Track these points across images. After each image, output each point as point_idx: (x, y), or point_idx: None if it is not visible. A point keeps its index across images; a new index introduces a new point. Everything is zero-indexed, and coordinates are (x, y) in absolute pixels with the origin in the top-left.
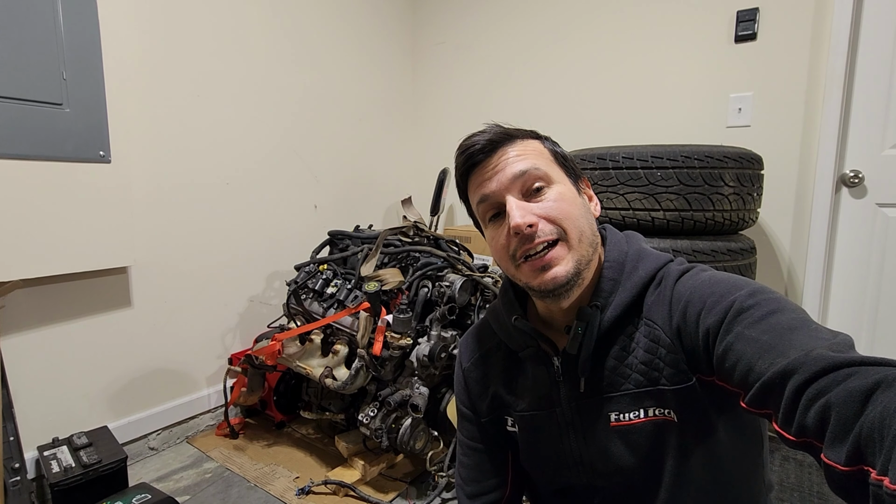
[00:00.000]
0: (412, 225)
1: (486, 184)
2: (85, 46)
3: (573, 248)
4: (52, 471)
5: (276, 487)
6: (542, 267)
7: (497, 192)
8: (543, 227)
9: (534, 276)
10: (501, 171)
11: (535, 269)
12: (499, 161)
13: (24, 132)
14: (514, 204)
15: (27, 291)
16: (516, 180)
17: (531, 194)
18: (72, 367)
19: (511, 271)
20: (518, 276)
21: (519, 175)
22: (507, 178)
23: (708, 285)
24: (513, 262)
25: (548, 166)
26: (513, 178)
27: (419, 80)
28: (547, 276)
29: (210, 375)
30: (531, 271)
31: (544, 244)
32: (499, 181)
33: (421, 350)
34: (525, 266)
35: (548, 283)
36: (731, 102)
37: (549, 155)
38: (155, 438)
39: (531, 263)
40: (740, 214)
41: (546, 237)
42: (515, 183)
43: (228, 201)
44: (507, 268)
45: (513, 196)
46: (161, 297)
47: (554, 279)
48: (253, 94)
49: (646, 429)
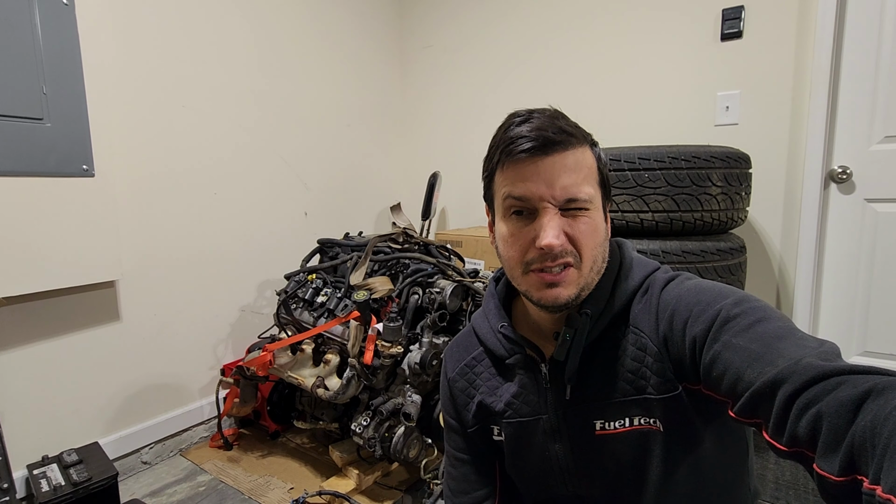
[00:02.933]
0: (401, 231)
1: (529, 185)
2: (65, 60)
3: (582, 275)
4: (41, 490)
5: (271, 499)
6: (550, 284)
7: (538, 197)
8: (567, 247)
9: (538, 288)
10: (551, 184)
11: (543, 283)
12: (552, 167)
13: (5, 148)
14: (552, 222)
15: (12, 309)
16: (563, 200)
17: (567, 210)
18: (61, 383)
19: (515, 274)
20: (521, 281)
21: (569, 198)
22: (555, 192)
23: (693, 293)
24: (522, 267)
25: (594, 190)
26: (561, 195)
27: (408, 84)
28: (550, 293)
29: (203, 387)
30: (538, 283)
31: (560, 266)
32: (545, 192)
33: (412, 358)
34: (533, 276)
35: (549, 299)
36: (718, 101)
37: (597, 173)
38: (147, 452)
39: (541, 276)
40: (729, 214)
41: (566, 259)
42: (561, 199)
43: (217, 211)
44: (513, 269)
45: (552, 210)
46: (151, 309)
47: (556, 298)
48: (238, 103)
49: (631, 437)
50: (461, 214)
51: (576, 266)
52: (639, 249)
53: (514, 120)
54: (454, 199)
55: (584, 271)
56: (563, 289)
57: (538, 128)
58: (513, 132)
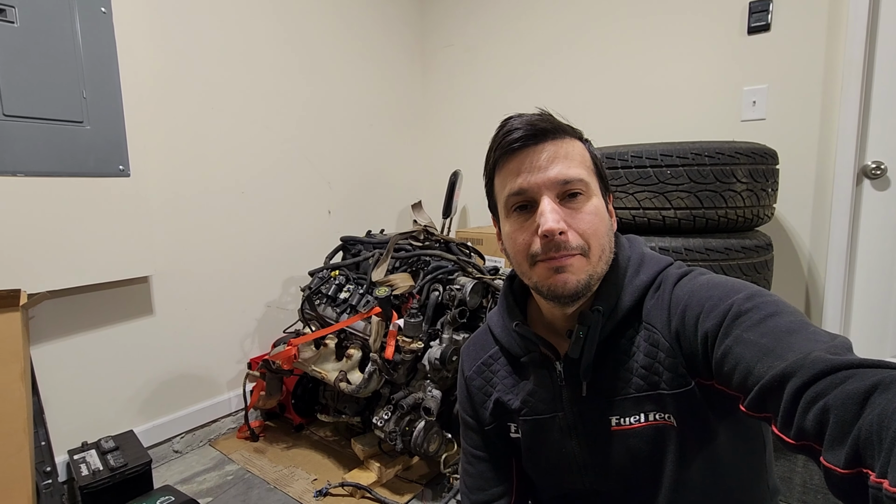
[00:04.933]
0: (422, 229)
1: (525, 176)
2: (103, 65)
3: (591, 264)
4: (81, 474)
5: (295, 489)
6: (557, 268)
7: (535, 188)
8: (573, 238)
9: (547, 276)
10: (545, 170)
11: (550, 269)
12: (543, 156)
13: (49, 150)
14: (550, 207)
15: (55, 302)
16: (558, 184)
17: (566, 199)
18: (99, 373)
19: (523, 268)
20: (530, 274)
21: (563, 181)
22: (549, 179)
23: (706, 289)
24: (529, 260)
25: (589, 176)
26: (555, 180)
27: (429, 83)
28: (559, 277)
29: (230, 380)
30: (546, 271)
31: (566, 255)
32: (540, 179)
33: (433, 353)
34: (541, 265)
35: (558, 285)
36: (744, 96)
37: (591, 163)
38: (179, 441)
39: (548, 263)
40: (754, 211)
41: (571, 251)
42: (556, 186)
43: (244, 209)
44: (521, 264)
45: (549, 198)
46: (181, 304)
47: (565, 283)
48: (265, 103)
49: (646, 433)
50: (482, 213)
51: (583, 254)
52: (661, 247)
53: (504, 121)
54: (475, 198)
55: (593, 259)
56: (570, 274)
57: (527, 121)
58: (504, 129)
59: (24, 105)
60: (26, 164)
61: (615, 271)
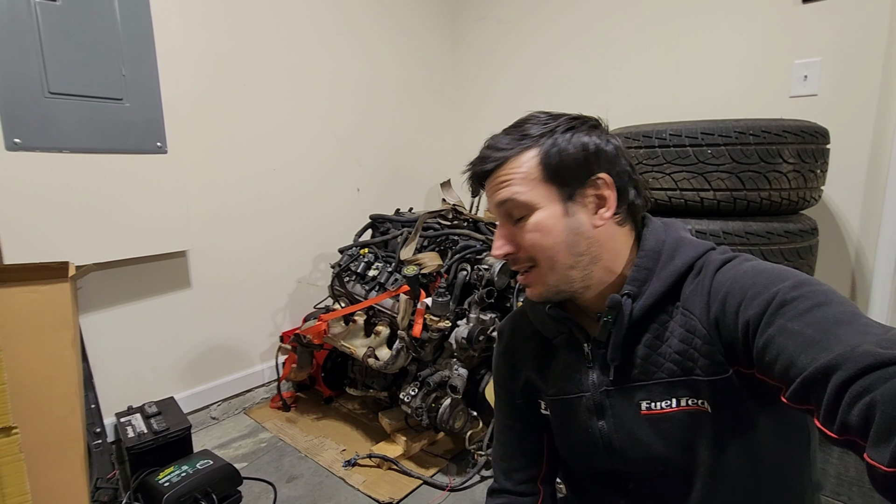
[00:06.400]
0: (451, 208)
1: (489, 201)
2: (140, 43)
3: (543, 275)
4: (127, 435)
5: (325, 458)
6: (524, 285)
7: (494, 212)
8: (520, 256)
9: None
10: (491, 197)
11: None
12: (489, 186)
13: (92, 127)
14: (498, 233)
15: (100, 274)
16: (500, 208)
17: (515, 220)
18: (142, 342)
19: None
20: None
21: (500, 204)
22: (493, 206)
23: (749, 276)
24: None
25: (532, 190)
26: (497, 205)
27: (459, 58)
28: (529, 292)
29: (263, 352)
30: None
31: (524, 268)
32: (491, 205)
33: (459, 332)
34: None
35: (531, 296)
36: (795, 70)
37: (539, 172)
38: (216, 409)
39: (519, 277)
40: (800, 193)
41: (522, 265)
42: (500, 210)
43: (275, 186)
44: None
45: (500, 221)
46: (217, 278)
47: (532, 296)
48: (296, 81)
49: (678, 418)
50: None
51: (535, 267)
52: (698, 230)
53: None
54: None
55: (544, 270)
56: (532, 288)
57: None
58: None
59: (68, 83)
60: (71, 140)
61: (648, 256)
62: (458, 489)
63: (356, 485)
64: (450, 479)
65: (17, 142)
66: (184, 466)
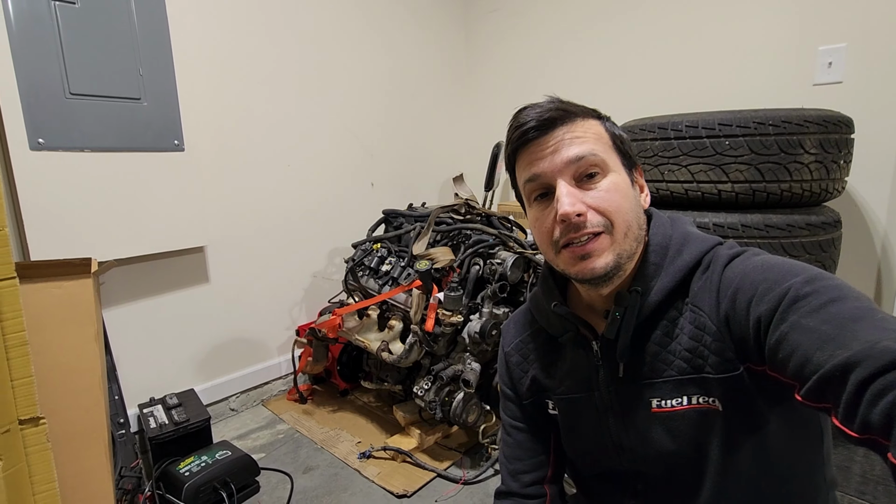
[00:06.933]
0: (463, 202)
1: (538, 163)
2: (157, 43)
3: (616, 241)
4: (149, 426)
5: (341, 450)
6: (583, 256)
7: (548, 173)
8: (592, 217)
9: (572, 263)
10: (556, 153)
11: (575, 257)
12: (554, 141)
13: (111, 126)
14: (565, 190)
15: (122, 270)
16: (570, 164)
17: (583, 180)
18: (163, 335)
19: (550, 256)
20: (557, 261)
21: (574, 160)
22: (561, 161)
23: (760, 270)
24: (553, 247)
25: (605, 152)
26: (567, 161)
27: (472, 50)
28: (585, 265)
29: (280, 345)
30: (571, 258)
31: (588, 235)
32: (552, 163)
33: (472, 327)
34: (565, 252)
35: (585, 272)
36: (819, 56)
37: (609, 139)
38: (234, 401)
39: (571, 251)
40: (823, 185)
41: (592, 229)
42: (569, 167)
43: (290, 183)
44: (547, 252)
45: (564, 180)
46: (234, 273)
47: (592, 270)
48: (308, 77)
49: (689, 416)
50: None
51: (606, 232)
52: (715, 223)
53: (516, 114)
54: None
55: (618, 237)
56: (596, 258)
57: (538, 112)
58: (517, 122)
59: (88, 84)
60: (91, 140)
61: (655, 251)
62: (472, 482)
63: (371, 476)
64: (463, 472)
65: (41, 142)
66: (203, 457)
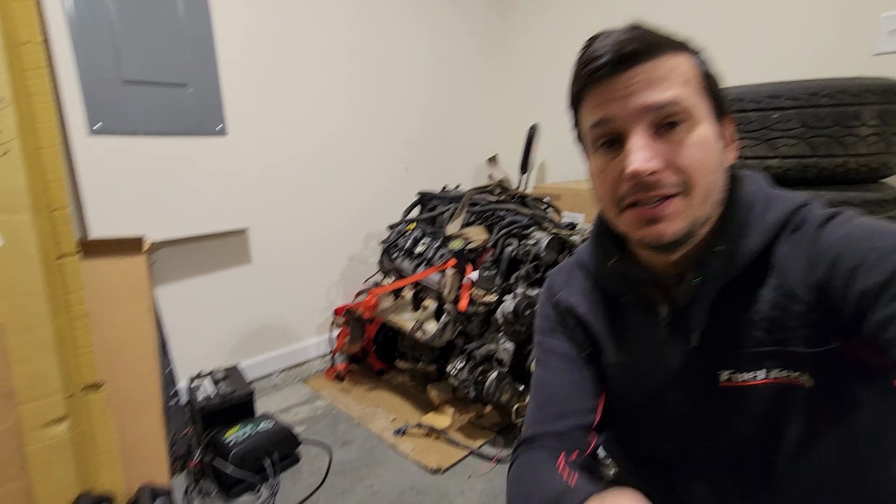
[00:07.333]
0: (497, 184)
1: (609, 105)
2: (201, 30)
3: (692, 206)
4: (198, 398)
5: (377, 426)
6: (650, 220)
7: (620, 119)
8: (668, 176)
9: (636, 226)
10: (632, 96)
11: (641, 220)
12: (632, 81)
13: (160, 112)
14: (640, 142)
15: (170, 250)
16: (649, 112)
17: (662, 130)
18: (209, 313)
19: (611, 214)
20: (618, 221)
21: (654, 107)
22: (637, 107)
23: (867, 237)
24: (616, 205)
25: (693, 97)
26: (645, 108)
27: (507, 32)
28: (651, 230)
29: (319, 325)
30: (635, 221)
31: (660, 197)
32: (626, 107)
33: (506, 307)
34: (630, 213)
35: (650, 238)
36: (880, 24)
37: (699, 81)
38: (276, 377)
39: (638, 212)
40: (882, 159)
41: (666, 190)
42: (647, 115)
43: (327, 166)
44: (608, 209)
45: (639, 130)
46: (274, 255)
47: (659, 236)
48: (345, 65)
49: (764, 392)
50: (561, 168)
51: (683, 194)
52: None
53: (588, 42)
54: (554, 152)
55: (696, 199)
56: (666, 224)
57: (614, 42)
58: (588, 54)
59: (140, 71)
60: (143, 125)
61: (739, 208)
62: (505, 461)
63: (406, 452)
64: (497, 450)
65: (99, 126)
66: (248, 427)
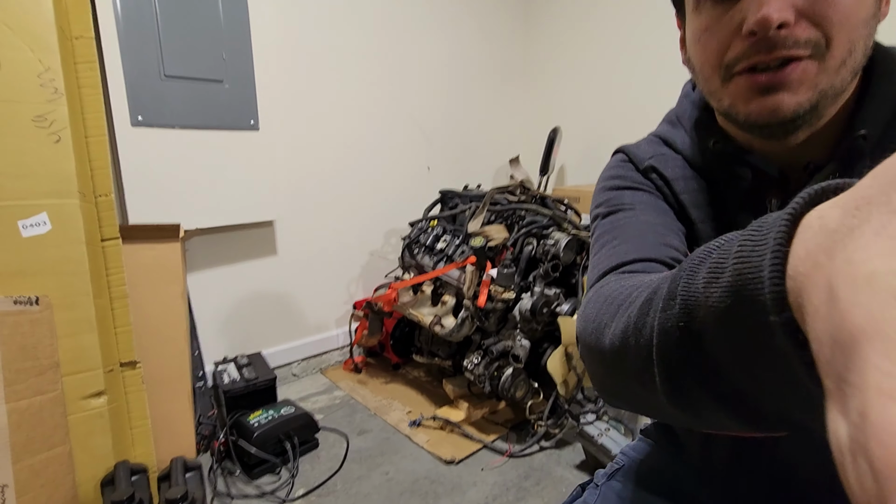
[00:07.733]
0: (518, 184)
1: None
2: (238, 28)
3: (827, 71)
4: (223, 381)
5: (392, 418)
6: (766, 88)
7: None
8: (798, 32)
9: (747, 97)
10: None
11: (753, 89)
12: None
13: (198, 106)
14: None
15: (202, 239)
16: None
17: None
18: (235, 301)
19: (712, 85)
20: (721, 94)
21: None
22: None
23: None
24: (722, 72)
25: None
26: None
27: (530, 35)
28: (767, 101)
29: (338, 318)
30: (747, 89)
31: (785, 59)
32: None
33: (524, 305)
34: (740, 80)
35: (764, 112)
36: None
37: None
38: (297, 366)
39: (752, 79)
40: None
41: (794, 51)
42: None
43: (352, 164)
44: (710, 79)
45: None
46: (298, 247)
47: (775, 109)
48: (372, 64)
49: None
50: (581, 171)
51: (815, 56)
52: None
53: None
54: (574, 156)
55: (833, 63)
56: (788, 93)
57: None
58: None
59: (180, 66)
60: (181, 118)
61: (884, 78)
62: (518, 455)
63: (420, 443)
64: (509, 445)
65: (140, 119)
66: (270, 411)
